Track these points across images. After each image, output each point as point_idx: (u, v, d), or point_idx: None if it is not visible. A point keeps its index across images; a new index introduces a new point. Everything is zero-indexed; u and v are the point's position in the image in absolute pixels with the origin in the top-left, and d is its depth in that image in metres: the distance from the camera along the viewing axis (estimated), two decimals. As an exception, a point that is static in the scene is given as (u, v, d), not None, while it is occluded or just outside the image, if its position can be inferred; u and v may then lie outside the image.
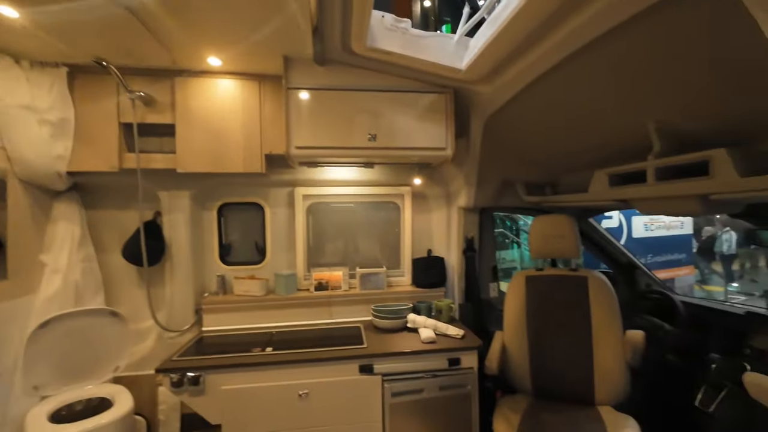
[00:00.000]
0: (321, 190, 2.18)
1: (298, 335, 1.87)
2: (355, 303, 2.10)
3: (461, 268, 2.18)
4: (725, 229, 9.30)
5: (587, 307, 1.78)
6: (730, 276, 8.41)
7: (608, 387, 1.67)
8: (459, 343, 1.69)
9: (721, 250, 8.88)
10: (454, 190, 2.18)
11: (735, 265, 8.80)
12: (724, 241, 8.93)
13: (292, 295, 2.05)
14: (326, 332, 1.92)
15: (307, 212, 2.20)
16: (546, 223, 1.89)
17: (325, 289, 2.09)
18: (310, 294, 2.07)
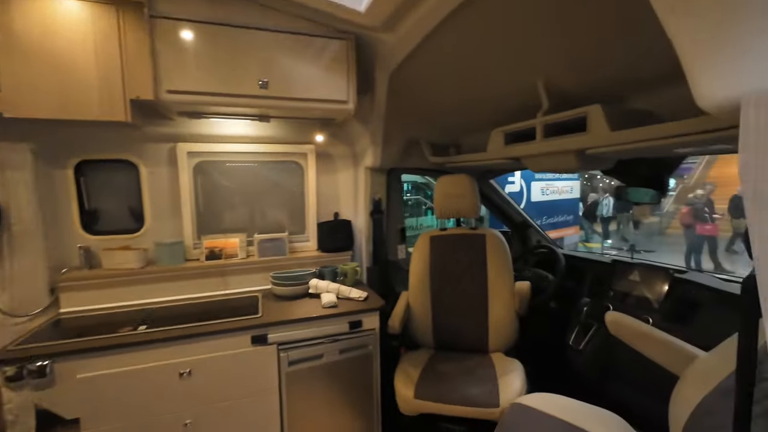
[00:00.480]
0: (210, 147, 1.91)
1: (184, 310, 1.66)
2: (253, 271, 1.93)
3: (369, 230, 2.13)
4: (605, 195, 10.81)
5: (484, 263, 1.86)
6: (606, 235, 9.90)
7: (500, 335, 1.79)
8: (361, 305, 1.65)
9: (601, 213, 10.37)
10: (361, 149, 2.08)
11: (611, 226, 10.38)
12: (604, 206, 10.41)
13: (179, 266, 1.81)
14: (218, 304, 1.74)
15: (194, 172, 1.92)
16: (448, 183, 1.91)
17: (218, 257, 1.88)
18: (201, 264, 1.85)
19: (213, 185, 1.98)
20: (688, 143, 0.98)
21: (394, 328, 1.68)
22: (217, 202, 2.00)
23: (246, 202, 2.05)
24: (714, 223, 7.27)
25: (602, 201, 10.41)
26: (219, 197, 2.00)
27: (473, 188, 1.88)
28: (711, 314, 1.37)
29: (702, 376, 1.04)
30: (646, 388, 1.55)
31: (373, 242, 2.14)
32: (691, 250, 7.14)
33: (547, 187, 4.90)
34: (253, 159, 2.03)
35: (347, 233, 2.12)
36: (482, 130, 1.77)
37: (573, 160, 1.31)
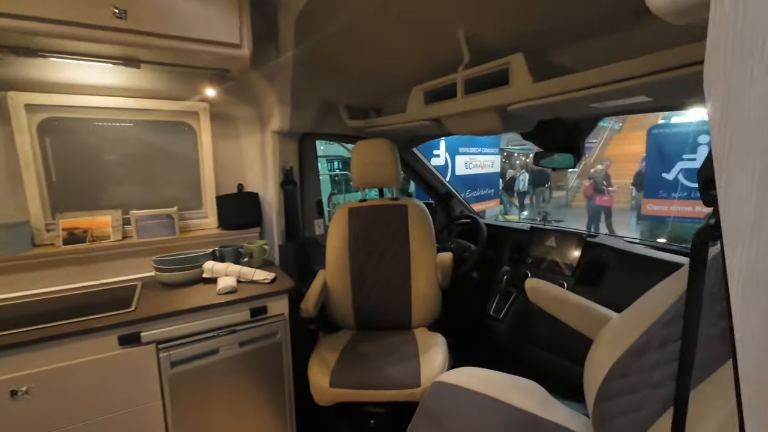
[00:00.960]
0: (62, 99, 1.48)
1: (26, 310, 1.28)
2: (133, 256, 1.58)
3: (280, 204, 1.88)
4: (521, 171, 11.63)
5: (406, 235, 1.74)
6: (522, 207, 10.74)
7: (423, 310, 1.70)
8: (267, 288, 1.42)
9: (518, 188, 11.17)
10: (267, 111, 1.79)
11: (526, 200, 11.27)
12: (520, 181, 11.22)
13: (22, 254, 1.40)
14: (80, 299, 1.38)
15: (40, 132, 1.48)
16: (366, 149, 1.73)
17: (81, 241, 1.50)
18: (56, 250, 1.45)
19: (72, 150, 1.56)
20: (608, 95, 0.91)
21: (307, 311, 1.50)
22: (80, 172, 1.58)
23: (122, 172, 1.66)
24: (610, 194, 8.20)
25: (519, 177, 11.21)
26: (82, 166, 1.58)
27: (394, 155, 1.72)
28: (620, 276, 1.41)
29: (614, 339, 1.02)
30: (565, 354, 1.58)
31: (285, 217, 1.89)
32: (591, 219, 7.99)
33: (471, 161, 5.01)
34: (127, 118, 1.63)
35: (254, 207, 1.84)
36: (405, 91, 1.61)
37: (495, 118, 1.20)
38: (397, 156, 1.74)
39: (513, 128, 1.26)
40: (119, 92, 1.57)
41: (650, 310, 0.95)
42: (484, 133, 1.36)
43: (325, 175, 7.05)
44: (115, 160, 1.64)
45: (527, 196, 11.20)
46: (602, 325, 1.10)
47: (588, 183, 8.69)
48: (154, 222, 1.61)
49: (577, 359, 1.45)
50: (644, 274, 1.34)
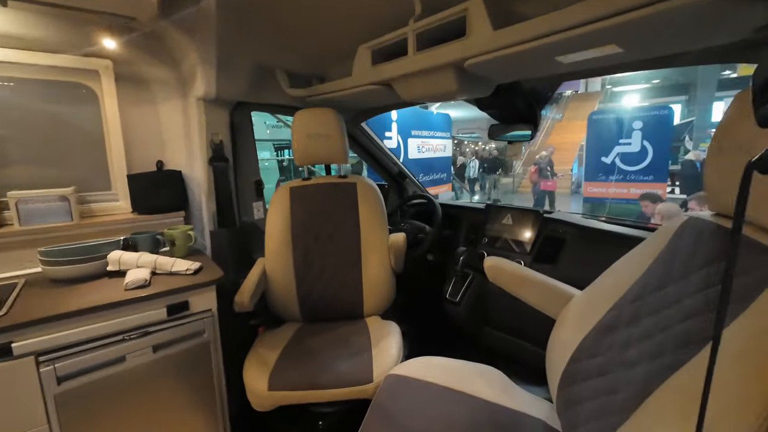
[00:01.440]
0: None
1: None
2: (13, 248, 1.27)
3: (209, 184, 1.63)
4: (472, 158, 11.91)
5: (356, 216, 1.58)
6: (473, 193, 11.02)
7: (376, 296, 1.56)
8: (190, 280, 1.19)
9: (468, 174, 11.44)
10: (188, 72, 1.52)
11: (476, 186, 11.58)
12: (471, 168, 11.49)
13: None
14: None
15: None
16: (308, 119, 1.53)
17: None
18: None
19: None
20: (574, 43, 0.81)
21: (242, 304, 1.29)
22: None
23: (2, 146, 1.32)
24: (554, 179, 8.61)
25: (469, 163, 11.47)
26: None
27: (340, 126, 1.54)
28: (578, 251, 1.36)
29: (579, 317, 0.94)
30: (525, 335, 1.52)
31: (216, 199, 1.65)
32: (536, 203, 8.35)
33: (423, 144, 4.93)
34: (4, 75, 1.29)
35: (177, 188, 1.58)
36: (351, 56, 1.43)
37: (451, 77, 1.07)
38: (344, 128, 1.56)
39: (470, 92, 1.14)
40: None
41: (616, 285, 0.88)
42: (440, 97, 1.23)
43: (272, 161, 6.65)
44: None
45: (477, 182, 11.52)
46: (565, 303, 1.03)
47: (533, 169, 9.07)
48: (43, 206, 1.30)
49: (539, 341, 1.39)
50: (602, 248, 1.30)
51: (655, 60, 0.94)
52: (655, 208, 4.08)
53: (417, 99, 1.27)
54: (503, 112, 1.44)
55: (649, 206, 4.09)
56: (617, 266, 0.92)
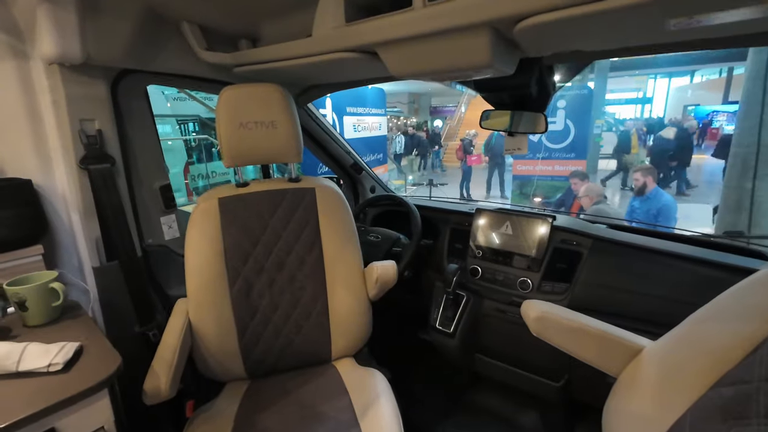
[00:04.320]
0: None
1: None
2: None
3: (85, 197, 1.06)
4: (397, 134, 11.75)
5: (316, 233, 1.17)
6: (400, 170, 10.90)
7: (347, 336, 1.19)
8: (58, 385, 0.69)
9: (395, 150, 11.28)
10: (23, 13, 0.91)
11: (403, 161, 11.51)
12: (396, 143, 11.35)
13: None
14: None
15: None
16: (241, 101, 1.05)
17: None
18: None
19: None
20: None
21: (159, 394, 0.83)
22: None
23: None
24: (478, 155, 8.87)
25: (395, 139, 11.29)
26: None
27: (291, 110, 1.09)
28: (597, 268, 1.14)
29: (662, 385, 0.69)
30: (521, 362, 1.30)
31: (99, 219, 1.09)
32: (464, 177, 8.53)
33: (359, 122, 4.48)
34: None
35: (24, 208, 0.97)
36: (304, 5, 0.97)
37: (484, 45, 0.70)
38: (295, 112, 1.11)
39: (499, 66, 0.78)
40: None
41: (721, 346, 0.64)
42: (453, 73, 0.85)
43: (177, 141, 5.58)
44: None
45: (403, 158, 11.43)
46: (630, 358, 0.78)
47: (458, 146, 9.21)
48: None
49: (533, 367, 1.27)
50: (630, 265, 1.10)
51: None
52: (583, 186, 4.29)
53: (416, 74, 0.88)
54: (507, 95, 1.13)
55: (578, 183, 4.27)
56: (714, 312, 0.68)
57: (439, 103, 21.21)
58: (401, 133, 11.47)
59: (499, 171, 8.05)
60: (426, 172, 11.27)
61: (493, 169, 8.14)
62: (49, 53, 0.91)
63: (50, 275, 0.90)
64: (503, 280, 1.27)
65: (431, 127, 15.36)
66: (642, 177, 3.53)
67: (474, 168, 8.56)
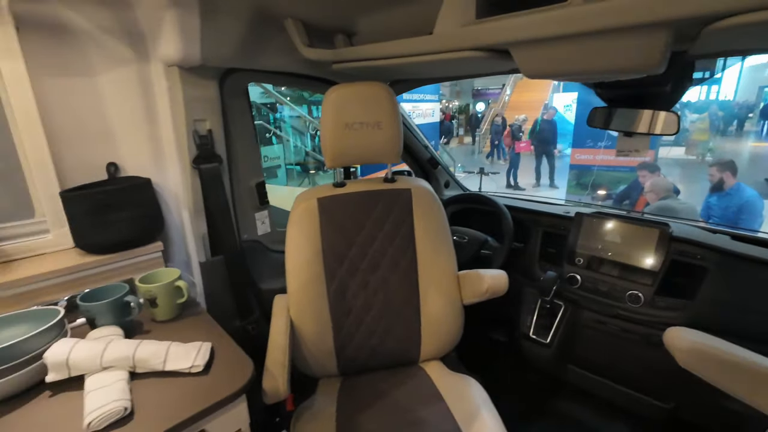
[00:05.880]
0: None
1: None
2: None
3: (195, 196, 1.09)
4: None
5: (410, 236, 1.14)
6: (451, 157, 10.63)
7: (437, 339, 1.17)
8: (200, 387, 0.72)
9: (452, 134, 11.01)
10: (147, 19, 0.92)
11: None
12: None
13: None
14: None
15: None
16: (348, 100, 1.03)
17: None
18: None
19: None
20: None
21: (277, 392, 0.86)
22: None
23: None
24: (528, 141, 8.46)
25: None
26: None
27: (395, 109, 1.05)
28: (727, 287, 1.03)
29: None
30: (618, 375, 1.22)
31: (207, 216, 1.12)
32: (511, 165, 8.20)
33: (414, 109, 4.35)
34: None
35: (146, 206, 1.02)
36: (402, 2, 0.92)
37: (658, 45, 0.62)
38: (399, 110, 1.07)
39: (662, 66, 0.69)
40: None
41: None
42: (606, 74, 0.77)
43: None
44: None
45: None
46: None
47: (507, 131, 8.83)
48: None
49: (631, 381, 1.17)
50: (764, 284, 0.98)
51: None
52: (652, 178, 3.97)
53: (551, 74, 0.81)
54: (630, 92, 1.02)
55: (647, 176, 3.96)
56: None
57: (482, 86, 20.38)
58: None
59: (548, 159, 7.69)
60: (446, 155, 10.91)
61: (541, 157, 7.78)
62: (172, 56, 0.92)
63: (174, 273, 0.94)
64: (607, 291, 1.19)
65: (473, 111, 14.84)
66: (718, 172, 3.20)
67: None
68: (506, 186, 7.86)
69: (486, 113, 15.83)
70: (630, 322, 1.14)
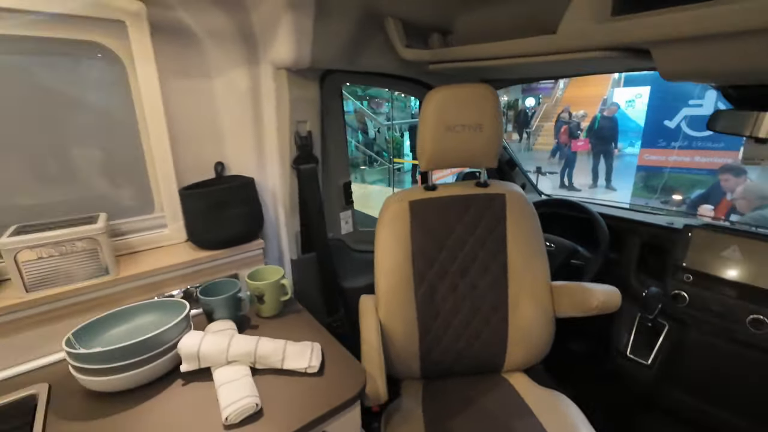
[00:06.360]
0: None
1: None
2: (22, 329, 0.78)
3: (293, 195, 1.12)
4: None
5: (502, 240, 1.10)
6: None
7: (524, 349, 1.12)
8: (317, 388, 0.73)
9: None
10: (264, 22, 0.95)
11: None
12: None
13: None
14: None
15: None
16: (450, 102, 1.00)
17: None
18: None
19: None
20: None
21: (378, 396, 0.86)
22: None
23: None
24: (586, 139, 7.98)
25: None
26: None
27: (499, 111, 1.01)
28: None
29: None
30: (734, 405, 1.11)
31: (301, 215, 1.15)
32: (566, 164, 7.80)
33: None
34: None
35: (251, 206, 1.05)
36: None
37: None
38: (501, 112, 1.03)
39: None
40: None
41: None
42: (755, 75, 0.69)
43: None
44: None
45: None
46: None
47: (564, 128, 8.39)
48: (59, 258, 0.79)
49: (751, 414, 1.06)
50: None
51: None
52: (737, 183, 3.59)
53: (694, 75, 0.73)
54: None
55: (730, 180, 3.60)
56: None
57: (533, 80, 19.51)
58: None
59: (605, 159, 7.24)
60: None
61: (599, 156, 7.33)
62: (284, 58, 0.94)
63: (279, 272, 0.97)
64: (722, 312, 1.08)
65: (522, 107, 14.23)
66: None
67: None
68: (559, 186, 7.51)
69: (537, 110, 15.14)
70: (752, 348, 1.03)
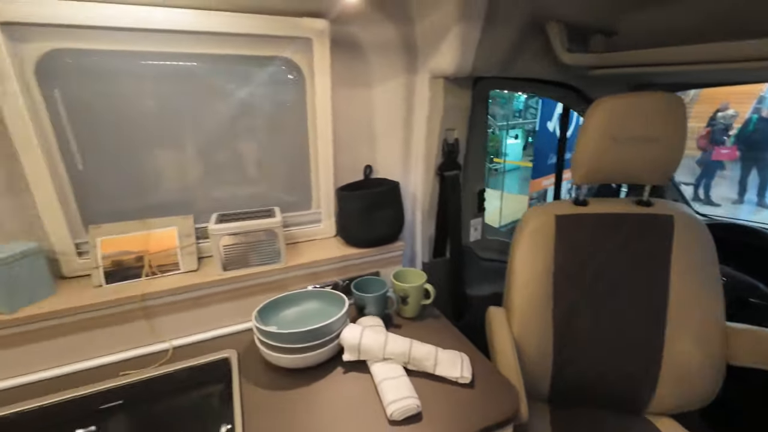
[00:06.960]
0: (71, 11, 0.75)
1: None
2: (217, 301, 0.94)
3: (432, 200, 1.14)
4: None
5: (665, 266, 0.97)
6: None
7: (681, 395, 0.98)
8: (472, 400, 0.73)
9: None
10: (427, 33, 0.97)
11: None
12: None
13: (33, 308, 0.78)
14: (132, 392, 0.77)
15: (42, 77, 0.79)
16: (625, 113, 0.91)
17: (134, 275, 0.86)
18: (99, 300, 0.82)
19: (102, 109, 0.86)
20: None
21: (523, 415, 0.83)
22: (111, 150, 0.89)
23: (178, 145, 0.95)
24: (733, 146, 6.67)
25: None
26: (113, 137, 0.89)
27: (684, 123, 0.89)
28: None
29: None
30: None
31: (437, 219, 1.17)
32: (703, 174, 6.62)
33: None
34: (190, 50, 0.88)
35: (396, 208, 1.10)
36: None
37: None
38: (686, 124, 0.91)
39: None
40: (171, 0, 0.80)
41: None
42: None
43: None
44: (167, 127, 0.93)
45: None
46: None
47: (704, 131, 7.12)
48: (248, 246, 0.92)
49: None
50: None
51: None
52: None
53: None
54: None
55: None
56: None
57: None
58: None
59: (758, 169, 5.98)
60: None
61: (750, 167, 6.08)
62: (445, 67, 0.95)
63: (422, 276, 1.00)
64: None
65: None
66: None
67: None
68: (692, 198, 6.42)
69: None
70: None
